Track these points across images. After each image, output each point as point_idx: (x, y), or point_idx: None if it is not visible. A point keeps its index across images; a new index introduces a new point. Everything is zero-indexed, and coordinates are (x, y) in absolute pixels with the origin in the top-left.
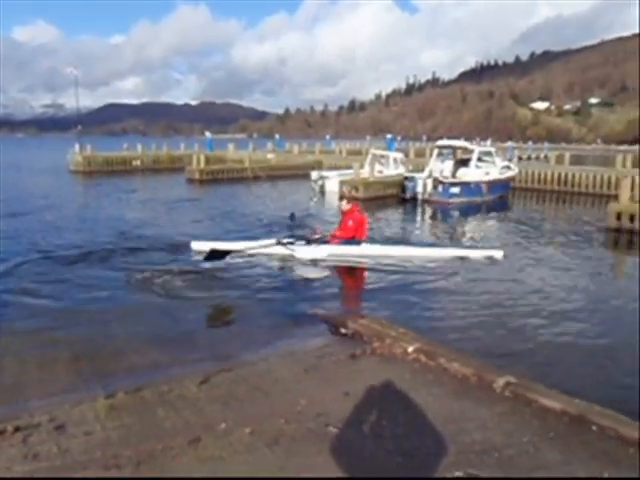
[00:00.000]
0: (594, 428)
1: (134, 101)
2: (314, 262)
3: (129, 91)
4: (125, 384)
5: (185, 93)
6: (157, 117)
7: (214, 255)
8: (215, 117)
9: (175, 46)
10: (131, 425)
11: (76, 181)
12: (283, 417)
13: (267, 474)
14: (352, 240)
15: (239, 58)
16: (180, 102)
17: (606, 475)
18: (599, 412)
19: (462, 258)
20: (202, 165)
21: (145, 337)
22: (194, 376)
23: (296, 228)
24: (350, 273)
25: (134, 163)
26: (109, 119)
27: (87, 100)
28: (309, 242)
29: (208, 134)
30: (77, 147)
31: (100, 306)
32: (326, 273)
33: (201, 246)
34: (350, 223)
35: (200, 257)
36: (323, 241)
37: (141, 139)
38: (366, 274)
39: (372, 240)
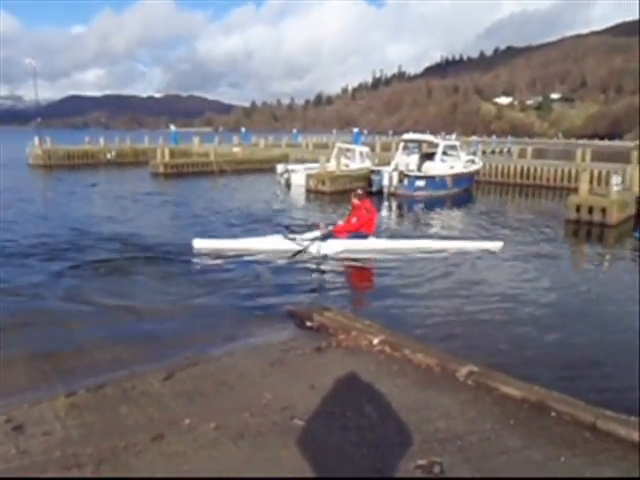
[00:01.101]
0: (553, 414)
1: (96, 93)
2: (324, 257)
3: (91, 83)
4: (87, 382)
5: (149, 86)
6: (121, 110)
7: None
8: (180, 110)
9: (139, 37)
10: (92, 423)
11: (35, 175)
12: (248, 411)
13: (232, 469)
14: (360, 234)
15: (205, 51)
16: (144, 95)
17: (562, 459)
18: (557, 398)
19: (463, 250)
20: (167, 159)
21: (107, 333)
22: (158, 372)
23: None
24: (355, 268)
25: (108, 156)
26: (71, 112)
27: (47, 92)
28: (317, 237)
29: (173, 127)
30: (36, 140)
31: (57, 303)
32: (334, 267)
33: (204, 244)
34: (354, 220)
35: (202, 257)
36: (330, 236)
37: (104, 132)
38: (370, 268)
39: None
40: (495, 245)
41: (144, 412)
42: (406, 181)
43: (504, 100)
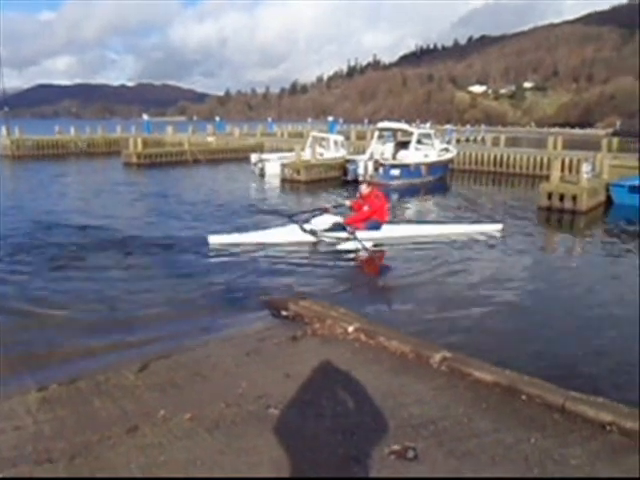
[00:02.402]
0: (523, 397)
1: (66, 82)
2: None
3: (61, 71)
4: (59, 375)
5: (121, 74)
6: (92, 99)
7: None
8: (153, 99)
9: (110, 24)
10: (65, 417)
11: (2, 166)
12: (223, 401)
13: (207, 458)
14: (374, 223)
15: (178, 38)
16: (116, 83)
17: (532, 441)
18: (528, 381)
19: (466, 234)
20: (139, 148)
21: (79, 325)
22: (131, 364)
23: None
24: (360, 258)
25: (80, 145)
26: (40, 101)
27: (15, 81)
28: (331, 227)
29: (146, 117)
30: (4, 130)
31: (24, 298)
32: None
33: (219, 240)
34: (366, 208)
35: (216, 254)
36: (342, 227)
37: (74, 122)
38: (381, 257)
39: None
40: (496, 227)
41: (118, 405)
42: (381, 170)
43: (478, 89)
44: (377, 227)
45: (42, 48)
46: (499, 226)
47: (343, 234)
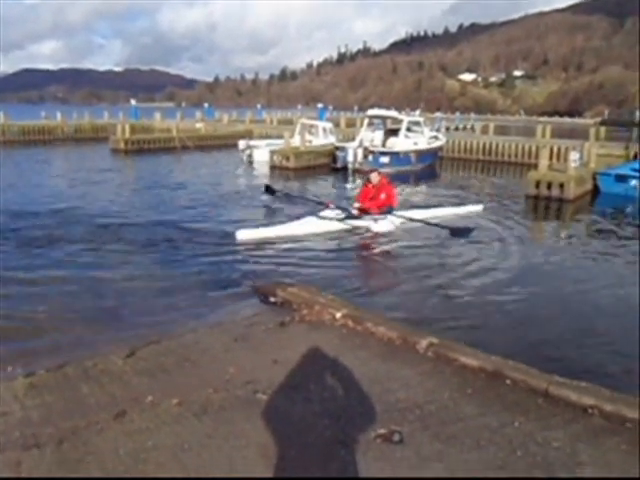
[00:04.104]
0: (508, 382)
1: (52, 67)
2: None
3: (47, 56)
4: (47, 362)
5: (108, 59)
6: (78, 84)
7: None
8: (141, 85)
9: (97, 8)
10: (52, 403)
11: None
12: (211, 386)
13: (195, 443)
14: (389, 208)
15: (167, 23)
16: (103, 68)
17: (516, 424)
18: (512, 366)
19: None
20: (127, 134)
21: (67, 312)
22: (120, 350)
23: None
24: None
25: (67, 130)
26: (25, 86)
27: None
28: (350, 216)
29: (133, 102)
30: None
31: (13, 281)
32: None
33: (248, 235)
34: (383, 196)
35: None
36: (353, 215)
37: (61, 107)
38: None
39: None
40: (477, 208)
41: (106, 390)
42: (371, 157)
43: (468, 77)
44: (390, 212)
45: (28, 32)
46: (480, 207)
47: (369, 217)
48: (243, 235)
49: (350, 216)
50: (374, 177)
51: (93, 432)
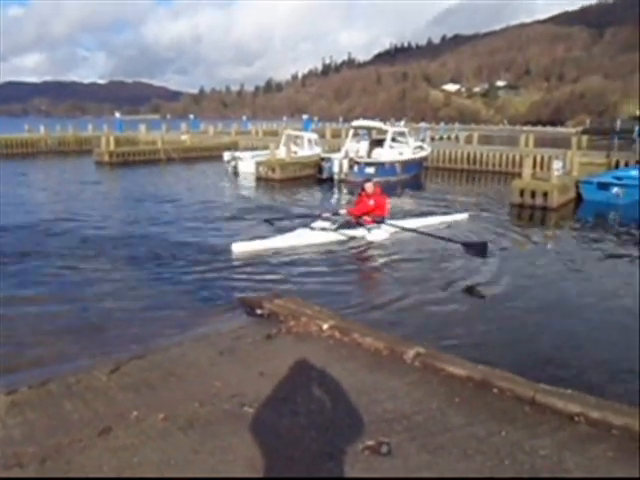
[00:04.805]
0: (495, 390)
1: (36, 79)
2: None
3: (30, 69)
4: (29, 379)
5: (92, 71)
6: (62, 97)
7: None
8: (126, 97)
9: (82, 21)
10: (35, 421)
11: None
12: (198, 400)
13: (181, 458)
14: (380, 218)
15: (151, 35)
16: (87, 81)
17: (503, 433)
18: (499, 375)
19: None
20: (112, 147)
21: (50, 328)
22: (104, 365)
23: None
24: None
25: (50, 143)
26: (8, 99)
27: None
28: (344, 226)
29: (118, 115)
30: None
31: None
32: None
33: (243, 248)
34: (371, 202)
35: (240, 261)
36: (351, 224)
37: (44, 120)
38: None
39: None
40: (462, 216)
41: (90, 407)
42: (356, 168)
43: (452, 87)
44: (382, 222)
45: (11, 45)
46: (465, 215)
47: (363, 227)
48: (239, 248)
49: (344, 225)
50: (369, 187)
51: (77, 450)
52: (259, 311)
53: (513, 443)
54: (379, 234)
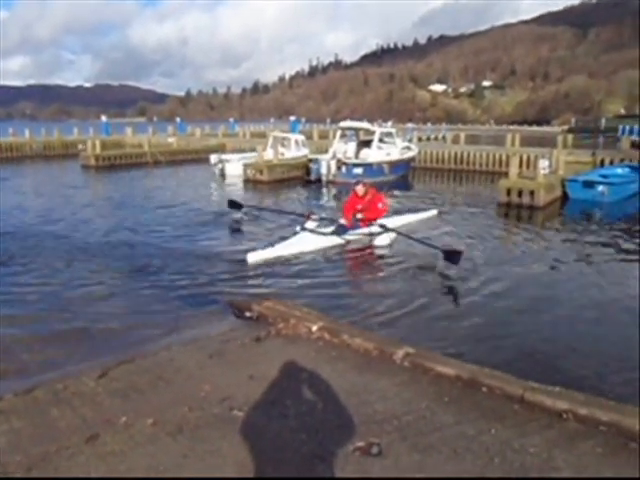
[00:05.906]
0: (484, 389)
1: (20, 83)
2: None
3: (14, 72)
4: (15, 385)
5: (78, 75)
6: (47, 100)
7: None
8: (111, 100)
9: (67, 24)
10: (21, 428)
11: None
12: (187, 405)
13: (171, 463)
14: (374, 220)
15: (138, 38)
16: (73, 84)
17: (493, 432)
18: (488, 374)
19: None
20: (98, 150)
21: (36, 333)
22: (91, 371)
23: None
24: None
25: (36, 147)
26: None
27: None
28: (340, 230)
29: (104, 118)
30: None
31: None
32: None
33: (257, 257)
34: (381, 205)
35: (228, 265)
36: (344, 226)
37: (29, 124)
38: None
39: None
40: (432, 213)
41: (77, 413)
42: (344, 169)
43: (438, 88)
44: (373, 224)
45: None
46: (434, 212)
47: (369, 230)
48: (252, 258)
49: (340, 229)
50: (359, 189)
51: (64, 457)
52: (248, 314)
53: (503, 441)
54: (381, 238)
